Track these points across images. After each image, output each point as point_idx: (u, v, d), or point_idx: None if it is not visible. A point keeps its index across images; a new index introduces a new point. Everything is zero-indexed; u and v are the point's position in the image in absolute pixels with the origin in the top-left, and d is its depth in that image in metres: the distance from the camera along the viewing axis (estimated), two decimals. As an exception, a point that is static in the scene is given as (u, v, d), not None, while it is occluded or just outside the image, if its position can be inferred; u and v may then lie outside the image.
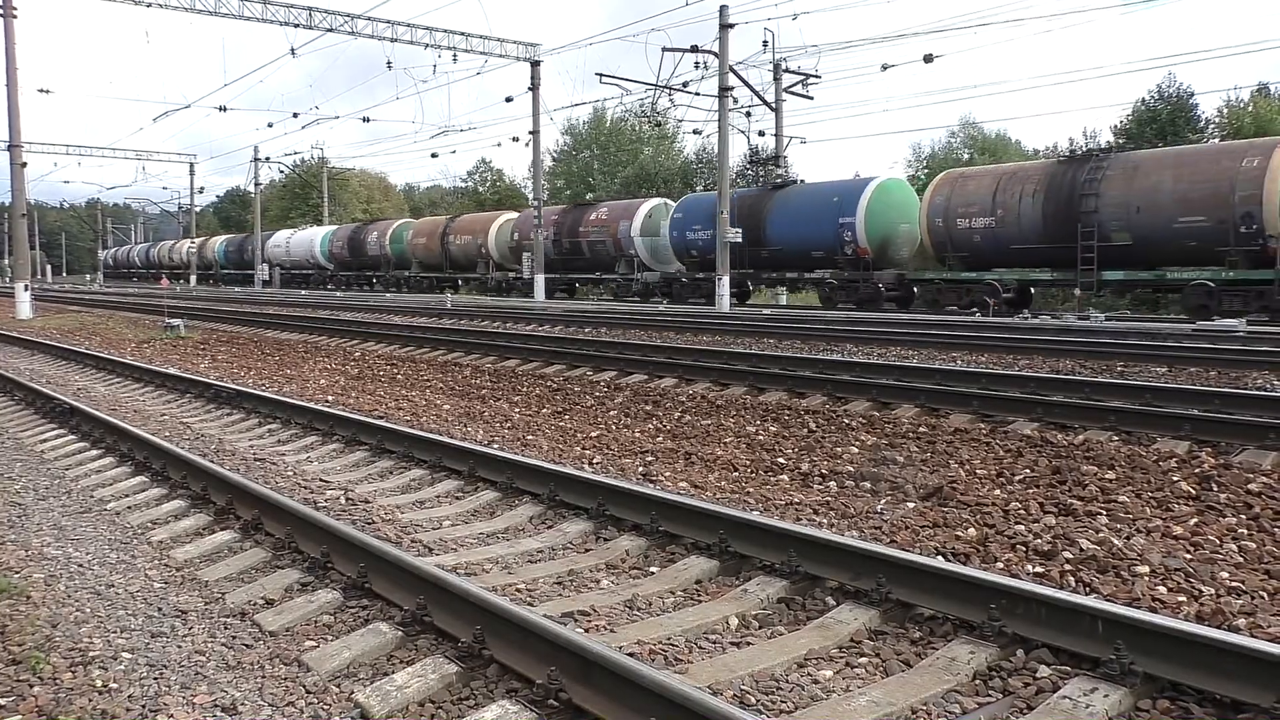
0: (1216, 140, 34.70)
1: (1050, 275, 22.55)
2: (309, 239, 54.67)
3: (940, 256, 24.46)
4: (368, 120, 39.97)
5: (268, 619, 4.00)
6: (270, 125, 42.66)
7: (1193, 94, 38.78)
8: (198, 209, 73.90)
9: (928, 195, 24.65)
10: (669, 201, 33.93)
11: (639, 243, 32.65)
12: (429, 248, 43.99)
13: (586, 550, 5.04)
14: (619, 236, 33.29)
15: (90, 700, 3.18)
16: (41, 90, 46.94)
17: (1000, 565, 4.54)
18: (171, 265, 70.07)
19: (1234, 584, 4.17)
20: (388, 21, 31.65)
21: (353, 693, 3.28)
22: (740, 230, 26.69)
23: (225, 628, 3.94)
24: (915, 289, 25.28)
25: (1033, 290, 24.24)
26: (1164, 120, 37.71)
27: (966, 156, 49.38)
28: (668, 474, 6.72)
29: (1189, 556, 4.52)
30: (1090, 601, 3.55)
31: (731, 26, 26.65)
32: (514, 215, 40.50)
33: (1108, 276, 21.29)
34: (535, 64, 34.57)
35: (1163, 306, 26.85)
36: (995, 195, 22.97)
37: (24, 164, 29.15)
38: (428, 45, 32.41)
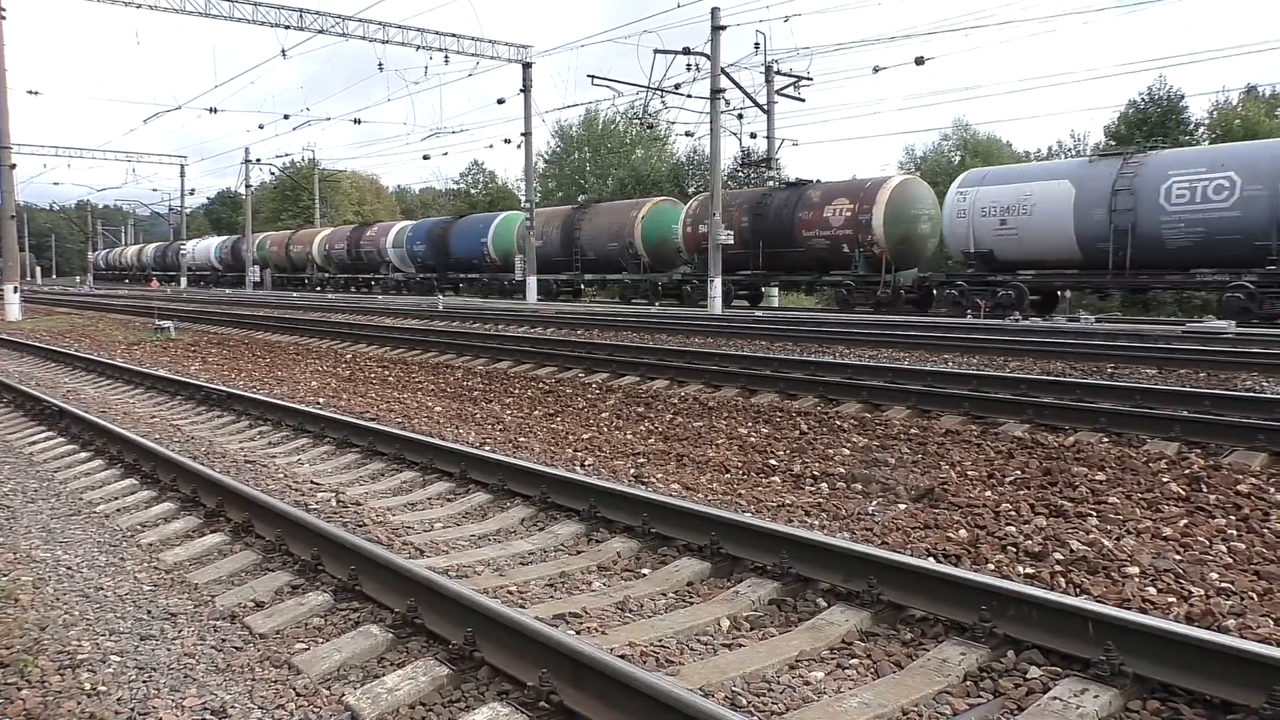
0: (1208, 141, 34.88)
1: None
2: (207, 246, 66.10)
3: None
4: (359, 122, 39.84)
5: (258, 621, 3.99)
6: (261, 127, 42.61)
7: (1183, 96, 38.99)
8: (188, 210, 73.64)
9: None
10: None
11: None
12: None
13: (578, 552, 5.03)
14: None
15: (78, 703, 3.16)
16: (30, 92, 46.86)
17: (991, 566, 4.55)
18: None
19: (1223, 585, 4.18)
20: (379, 23, 31.59)
21: (343, 695, 3.27)
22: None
23: (215, 630, 3.92)
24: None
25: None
26: (1154, 123, 37.87)
27: (958, 159, 49.52)
28: (660, 476, 6.72)
29: (1179, 557, 4.54)
30: (1081, 603, 3.55)
31: (723, 28, 26.68)
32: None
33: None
34: (527, 66, 34.55)
35: (1153, 309, 26.93)
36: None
37: (13, 166, 29.01)
38: (419, 47, 32.35)
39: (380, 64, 31.62)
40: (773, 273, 28.45)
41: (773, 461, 7.08)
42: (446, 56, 32.49)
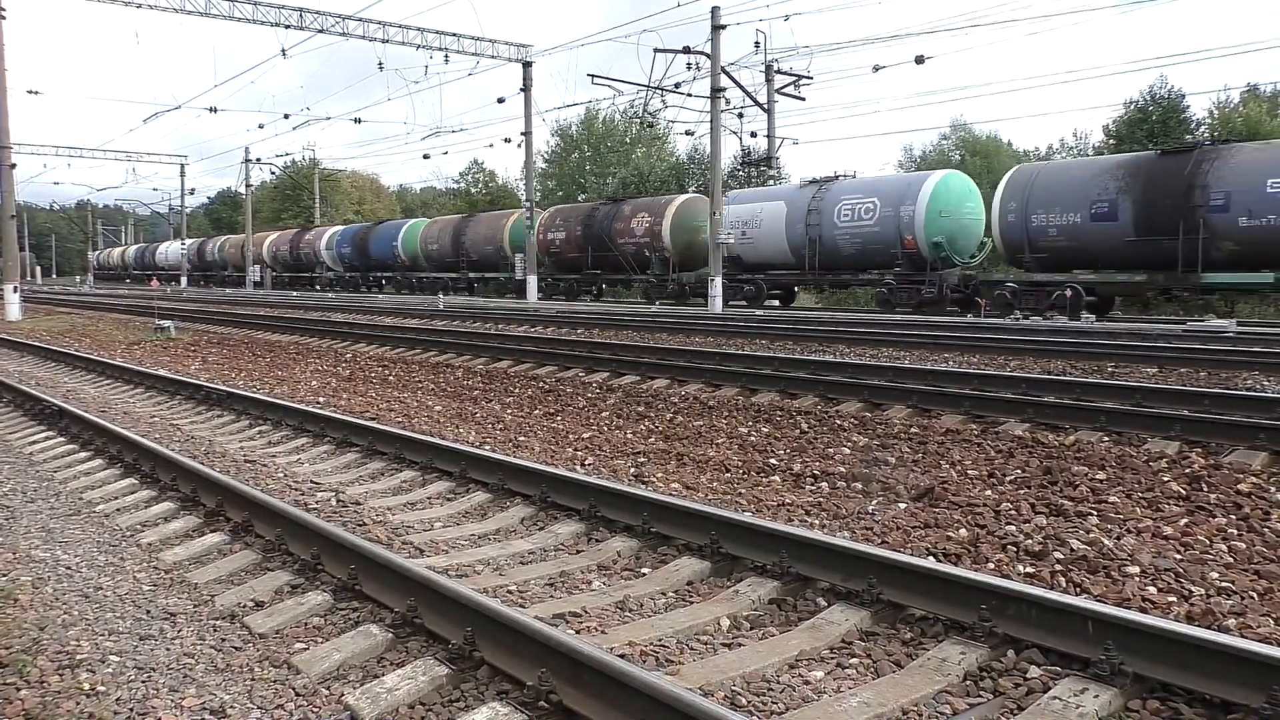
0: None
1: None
2: (177, 248, 69.15)
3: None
4: (359, 121, 39.86)
5: (257, 621, 3.98)
6: (261, 126, 42.64)
7: (1183, 96, 38.96)
8: (189, 210, 73.75)
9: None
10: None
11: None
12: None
13: (578, 551, 5.03)
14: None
15: (78, 703, 3.16)
16: (30, 91, 46.90)
17: (991, 566, 4.55)
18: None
19: (1224, 584, 4.18)
20: (379, 22, 31.59)
21: (343, 695, 3.27)
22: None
23: (214, 630, 3.92)
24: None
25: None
26: (1154, 122, 37.86)
27: (958, 158, 49.49)
28: (660, 475, 6.72)
29: (1179, 557, 4.54)
30: (1081, 602, 3.55)
31: (723, 28, 26.66)
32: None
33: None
34: (527, 65, 34.54)
35: (1154, 308, 26.89)
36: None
37: (13, 165, 29.03)
38: (419, 46, 32.34)
39: (380, 63, 31.63)
40: (599, 271, 34.18)
41: (773, 461, 7.08)
42: (446, 56, 32.50)
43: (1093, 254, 21.37)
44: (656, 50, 27.36)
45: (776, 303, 29.42)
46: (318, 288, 50.80)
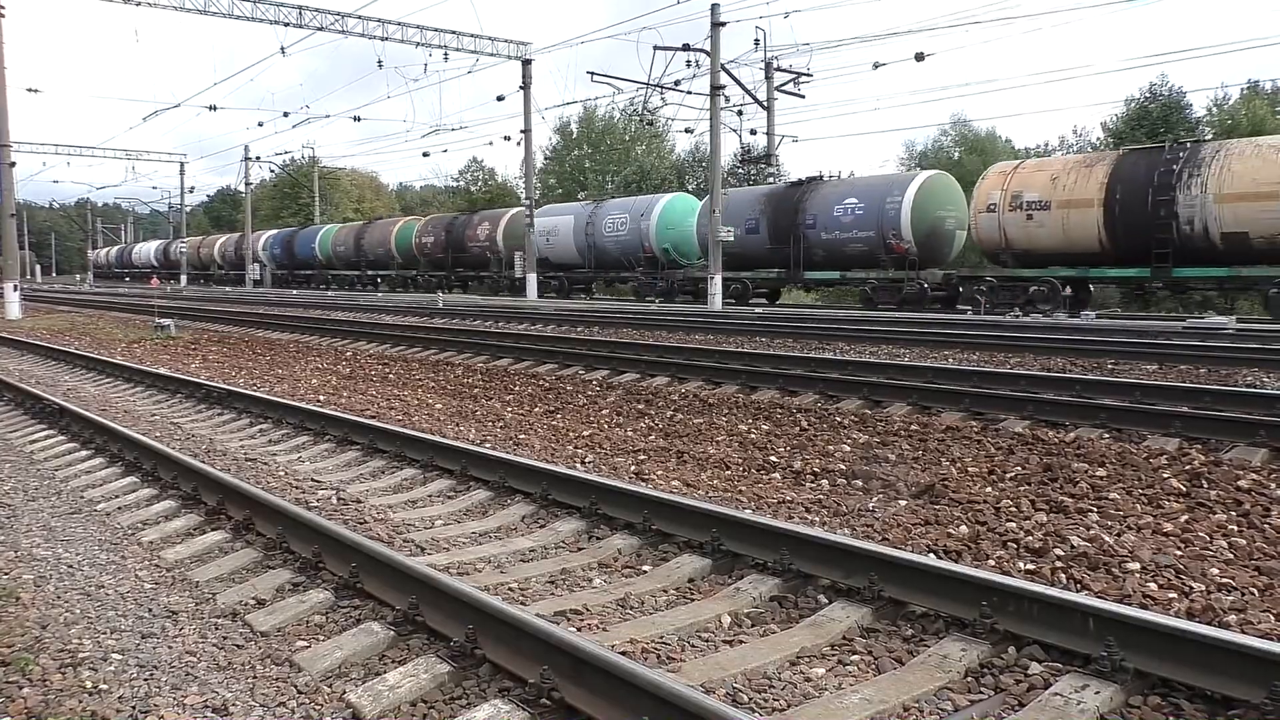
0: (1211, 136, 34.77)
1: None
2: (148, 248, 77.93)
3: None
4: (358, 119, 39.86)
5: (259, 619, 3.99)
6: (261, 124, 42.71)
7: (1184, 94, 38.95)
8: (188, 209, 73.77)
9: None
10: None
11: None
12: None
13: (579, 549, 5.04)
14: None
15: (80, 702, 3.16)
16: (30, 89, 46.86)
17: (992, 563, 4.55)
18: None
19: (1224, 580, 4.18)
20: (378, 20, 31.60)
21: (344, 693, 3.27)
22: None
23: (216, 628, 3.92)
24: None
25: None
26: (1155, 119, 37.84)
27: (957, 155, 49.47)
28: (660, 473, 6.72)
29: (1179, 553, 4.54)
30: (1081, 598, 3.56)
31: (723, 25, 26.64)
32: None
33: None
34: (526, 63, 34.52)
35: (1153, 304, 26.90)
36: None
37: (12, 164, 29.00)
38: (419, 44, 32.34)
39: (380, 61, 31.60)
40: (459, 269, 42.71)
41: (773, 458, 7.08)
42: (446, 53, 32.51)
43: (749, 257, 28.64)
44: (656, 48, 27.38)
45: (580, 294, 37.15)
46: (320, 286, 53.82)
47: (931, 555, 4.61)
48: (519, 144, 36.37)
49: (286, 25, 30.30)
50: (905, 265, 24.64)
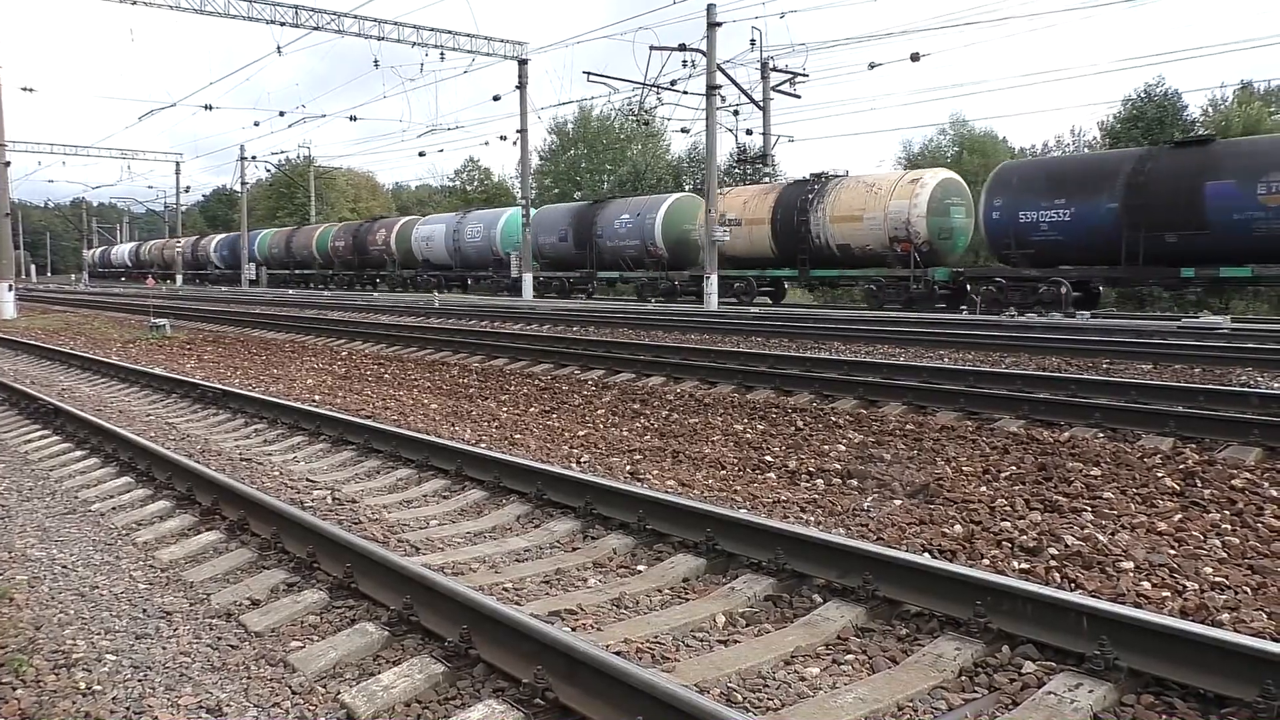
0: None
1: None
2: (123, 249, 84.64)
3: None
4: (354, 119, 39.82)
5: (253, 620, 3.98)
6: (257, 124, 43.07)
7: (1179, 94, 38.99)
8: (184, 208, 73.75)
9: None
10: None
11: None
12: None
13: (574, 549, 5.04)
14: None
15: (74, 703, 3.16)
16: (25, 89, 46.72)
17: (986, 562, 4.56)
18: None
19: (1218, 579, 4.19)
20: (375, 20, 31.55)
21: (339, 693, 3.27)
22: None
23: (210, 629, 3.92)
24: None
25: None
26: (1150, 119, 37.89)
27: (953, 154, 49.46)
28: (655, 472, 6.72)
29: (1173, 552, 4.55)
30: (1075, 597, 3.56)
31: (719, 25, 26.64)
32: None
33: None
34: (523, 62, 34.51)
35: (1149, 304, 26.95)
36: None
37: (7, 163, 28.95)
38: (415, 44, 32.31)
39: (376, 61, 31.56)
40: (364, 269, 49.07)
41: (768, 458, 7.09)
42: (442, 53, 32.49)
43: (563, 260, 35.75)
44: (652, 48, 27.35)
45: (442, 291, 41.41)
46: (316, 285, 55.64)
47: (926, 555, 4.62)
48: (515, 144, 36.39)
49: (283, 25, 30.27)
50: (662, 266, 31.95)
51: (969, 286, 23.17)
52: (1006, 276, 22.04)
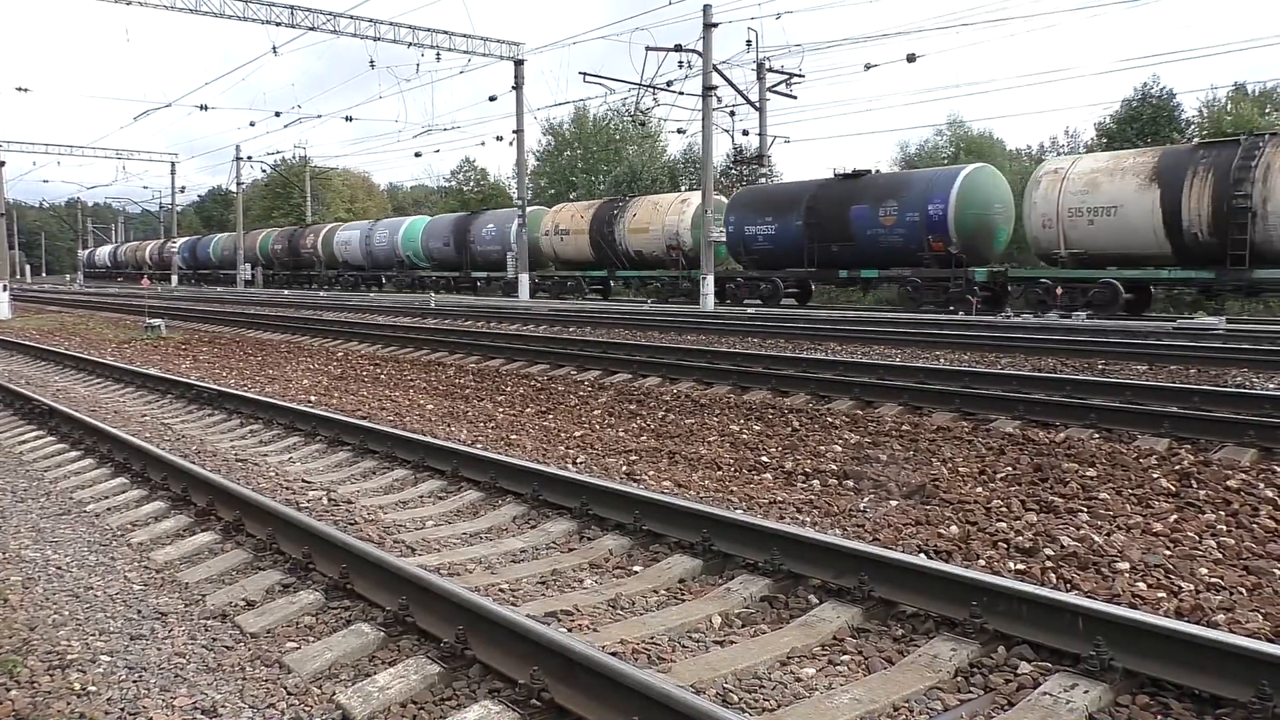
0: (1199, 136, 34.88)
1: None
2: (104, 251, 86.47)
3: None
4: (350, 120, 39.74)
5: (249, 620, 3.98)
6: (252, 124, 42.43)
7: (1174, 95, 39.04)
8: (180, 209, 73.71)
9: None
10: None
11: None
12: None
13: (570, 550, 5.03)
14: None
15: (68, 704, 3.15)
16: (19, 88, 46.66)
17: (982, 563, 4.56)
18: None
19: (1213, 580, 4.20)
20: (370, 20, 31.50)
21: (334, 694, 3.27)
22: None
23: (205, 630, 3.91)
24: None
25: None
26: (1145, 120, 37.95)
27: (949, 155, 49.49)
28: (651, 473, 6.72)
29: (1169, 553, 4.56)
30: (1071, 598, 3.57)
31: (715, 26, 26.65)
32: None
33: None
34: (519, 63, 34.48)
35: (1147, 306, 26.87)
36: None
37: (2, 163, 28.94)
38: (411, 44, 32.27)
39: (372, 61, 31.57)
40: (298, 270, 53.43)
41: (764, 459, 7.09)
42: (438, 54, 32.45)
43: (446, 263, 41.51)
44: (648, 48, 27.37)
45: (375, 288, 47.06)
46: (314, 286, 57.01)
47: (922, 555, 4.62)
48: (511, 144, 36.36)
49: (278, 25, 30.22)
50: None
51: (728, 285, 29.20)
52: (743, 277, 29.01)
